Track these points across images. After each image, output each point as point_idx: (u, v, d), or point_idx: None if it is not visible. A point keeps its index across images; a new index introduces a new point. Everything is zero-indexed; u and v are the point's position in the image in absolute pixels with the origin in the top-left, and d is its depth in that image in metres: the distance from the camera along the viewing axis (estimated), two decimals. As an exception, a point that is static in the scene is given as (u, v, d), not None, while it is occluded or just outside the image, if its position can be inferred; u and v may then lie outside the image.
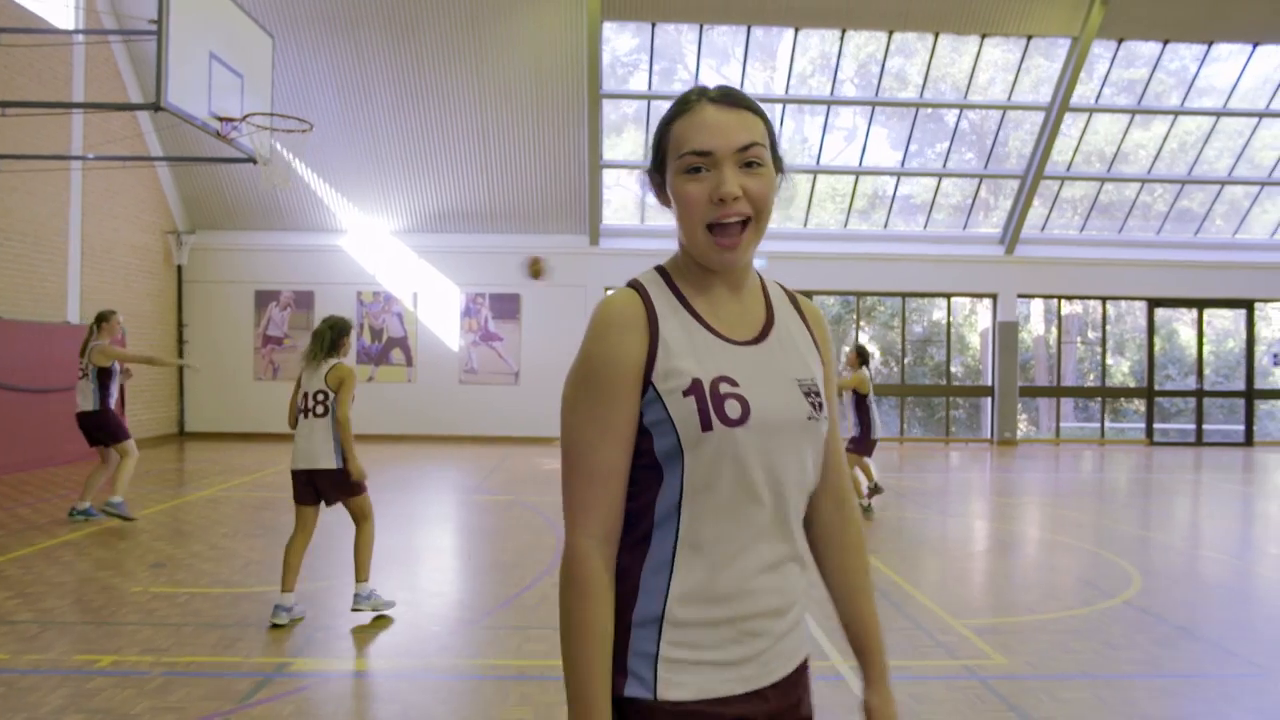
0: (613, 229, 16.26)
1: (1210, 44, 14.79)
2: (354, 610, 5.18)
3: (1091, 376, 19.68)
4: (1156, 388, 17.33)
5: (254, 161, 8.42)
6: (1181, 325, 21.74)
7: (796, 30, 14.37)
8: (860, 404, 8.73)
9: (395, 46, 13.96)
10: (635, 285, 1.46)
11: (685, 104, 1.43)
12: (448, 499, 10.21)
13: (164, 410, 15.50)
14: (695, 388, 1.36)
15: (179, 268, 15.81)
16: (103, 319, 8.14)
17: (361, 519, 5.29)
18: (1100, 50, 14.99)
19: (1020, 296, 16.73)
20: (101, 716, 3.81)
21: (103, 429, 8.09)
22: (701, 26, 14.35)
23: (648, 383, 1.38)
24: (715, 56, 17.50)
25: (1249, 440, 17.10)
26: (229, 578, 6.21)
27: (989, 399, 17.00)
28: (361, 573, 5.22)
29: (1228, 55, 15.75)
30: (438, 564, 7.08)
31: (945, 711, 4.05)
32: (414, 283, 16.12)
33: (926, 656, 4.82)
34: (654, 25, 14.32)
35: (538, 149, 15.04)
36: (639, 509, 1.40)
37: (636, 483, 1.41)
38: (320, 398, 5.19)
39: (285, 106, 14.67)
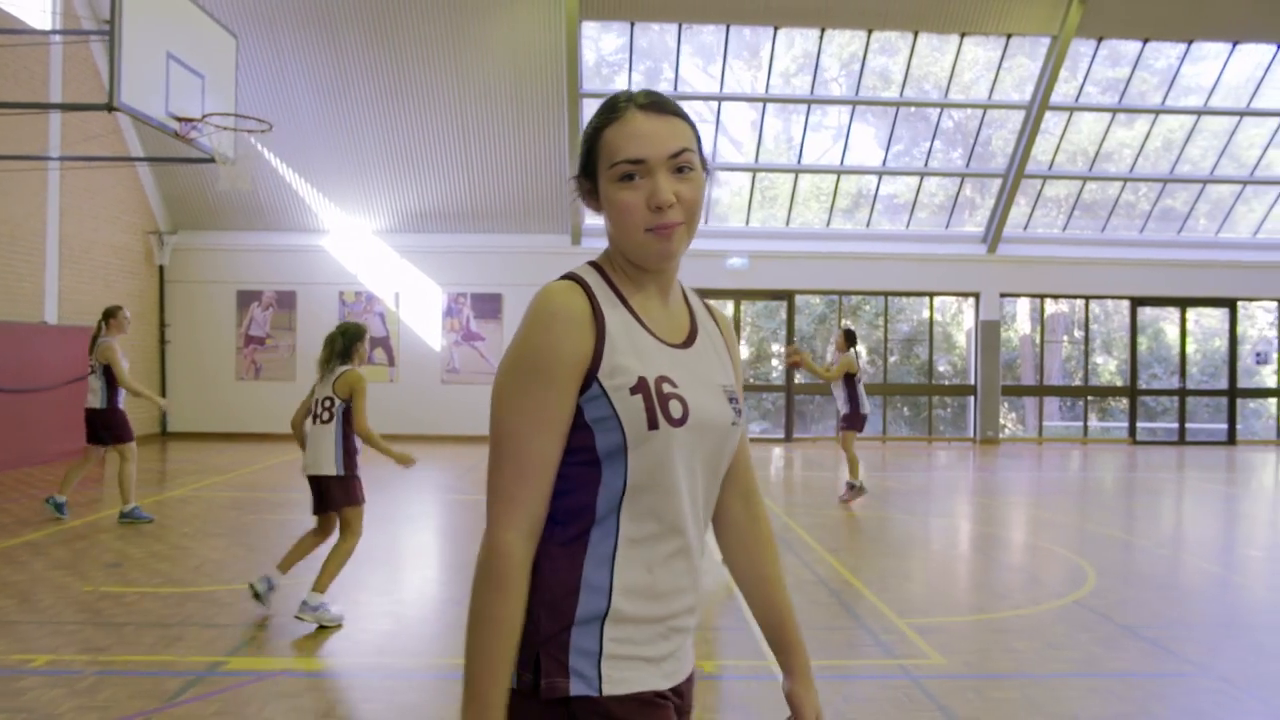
0: (595, 229, 16.27)
1: (1190, 42, 14.77)
2: (297, 617, 5.11)
3: (1080, 375, 19.68)
4: (1142, 386, 17.35)
5: (214, 161, 8.42)
6: (1169, 324, 21.75)
7: (776, 29, 14.38)
8: (849, 383, 9.55)
9: (373, 45, 13.96)
10: (575, 278, 1.45)
11: (614, 111, 1.44)
12: (423, 498, 10.20)
13: (145, 410, 15.47)
14: (642, 386, 1.38)
15: (161, 268, 15.82)
16: (110, 315, 8.10)
17: (346, 531, 5.25)
18: (1085, 49, 14.99)
19: (1003, 296, 16.73)
20: (25, 715, 3.82)
21: (108, 427, 8.08)
22: (680, 26, 14.35)
23: (592, 378, 1.38)
24: (702, 56, 17.52)
25: (1231, 439, 17.10)
26: (181, 577, 6.22)
27: (973, 398, 16.98)
28: (321, 583, 5.11)
29: (1213, 54, 15.72)
30: (394, 563, 7.08)
31: (871, 711, 4.05)
32: (396, 283, 16.13)
33: (863, 656, 4.82)
34: (633, 25, 14.33)
35: (519, 149, 15.05)
36: (577, 506, 1.40)
37: (573, 479, 1.40)
38: (327, 404, 5.19)
39: (263, 106, 14.69)
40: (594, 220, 16.45)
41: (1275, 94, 16.03)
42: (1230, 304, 17.05)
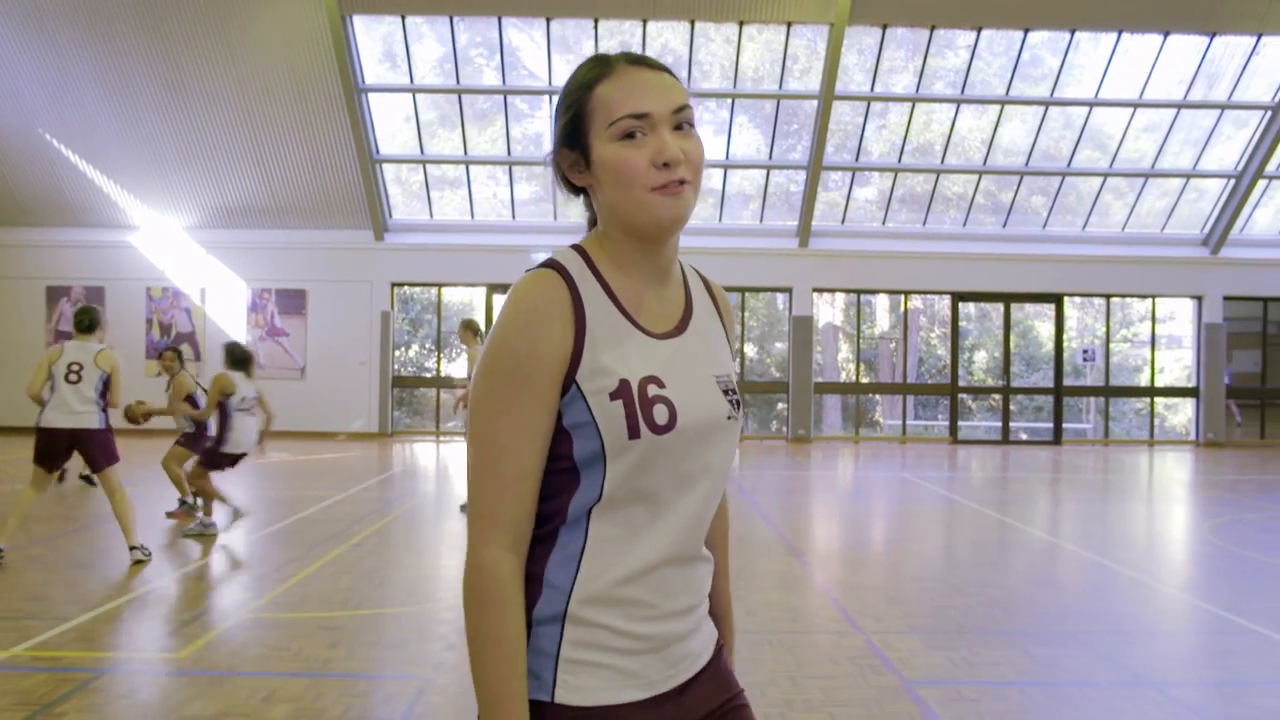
0: (400, 224, 16.19)
1: (980, 30, 14.39)
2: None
3: (946, 371, 19.27)
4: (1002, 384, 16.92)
5: None
6: (1042, 321, 21.25)
7: (549, 20, 14.20)
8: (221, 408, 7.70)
9: (149, 43, 13.97)
10: (556, 267, 1.30)
11: (605, 67, 1.31)
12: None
13: (-54, 405, 15.63)
14: (623, 390, 1.26)
15: (-33, 264, 15.97)
16: None
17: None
18: (936, 39, 14.56)
19: (815, 291, 16.41)
20: None
21: None
22: (452, 19, 14.22)
23: (571, 380, 1.26)
24: (563, 50, 17.29)
25: (1057, 439, 16.63)
26: None
27: (786, 395, 16.67)
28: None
29: (1086, 44, 15.25)
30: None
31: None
32: (202, 278, 16.15)
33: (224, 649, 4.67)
34: (403, 18, 14.22)
35: (308, 145, 15.00)
36: (551, 510, 1.30)
37: (549, 485, 1.29)
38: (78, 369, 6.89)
39: (50, 102, 14.79)
40: (400, 215, 16.38)
41: (1083, 83, 15.57)
42: (1056, 299, 16.59)
